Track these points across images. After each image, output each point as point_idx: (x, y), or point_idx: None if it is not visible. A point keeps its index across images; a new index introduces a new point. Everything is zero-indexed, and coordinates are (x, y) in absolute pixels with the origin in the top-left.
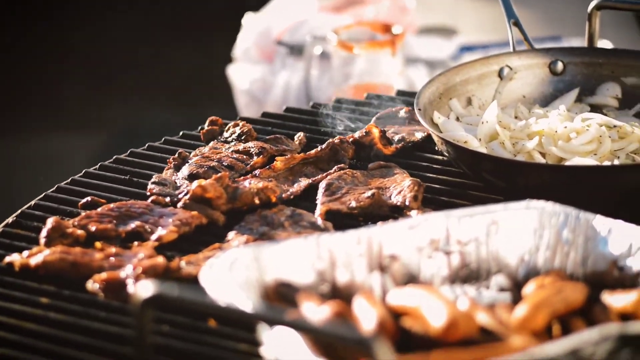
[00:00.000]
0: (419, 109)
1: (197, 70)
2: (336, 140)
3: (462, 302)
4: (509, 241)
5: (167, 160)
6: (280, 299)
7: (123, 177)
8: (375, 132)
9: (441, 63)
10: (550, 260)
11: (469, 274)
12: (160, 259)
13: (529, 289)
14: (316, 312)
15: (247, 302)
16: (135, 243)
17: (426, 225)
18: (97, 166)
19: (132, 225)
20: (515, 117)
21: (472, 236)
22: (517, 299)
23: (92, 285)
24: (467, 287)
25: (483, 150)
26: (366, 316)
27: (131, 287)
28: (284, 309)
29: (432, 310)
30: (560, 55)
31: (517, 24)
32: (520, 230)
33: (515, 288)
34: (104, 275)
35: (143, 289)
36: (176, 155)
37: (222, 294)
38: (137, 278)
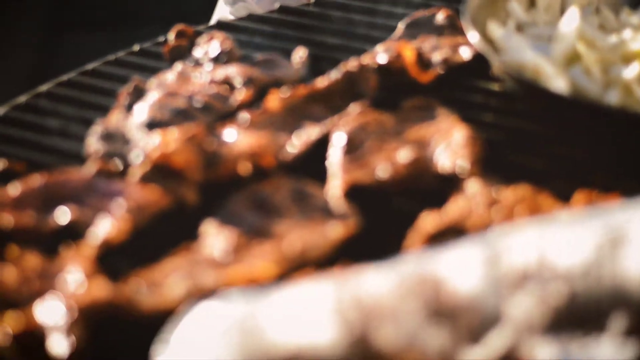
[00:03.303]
0: (468, 17)
1: None
2: (353, 66)
3: None
4: (637, 262)
5: (117, 93)
6: None
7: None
8: (409, 55)
9: None
10: None
11: (574, 315)
12: (100, 287)
13: None
14: None
15: None
16: (69, 246)
17: (508, 246)
18: (12, 105)
19: (65, 214)
20: (600, 27)
21: (580, 258)
22: None
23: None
24: (573, 336)
25: (560, 81)
26: None
27: (57, 343)
28: None
29: None
30: None
31: None
32: None
33: None
34: (14, 325)
35: None
36: (129, 86)
37: None
38: (69, 329)
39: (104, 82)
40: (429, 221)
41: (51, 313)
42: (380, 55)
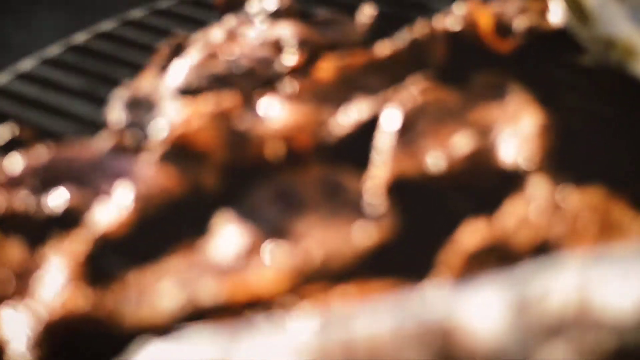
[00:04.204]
0: None
1: None
2: (422, 32)
3: None
4: None
5: (156, 47)
6: None
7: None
8: (486, 21)
9: None
10: None
11: None
12: (80, 295)
13: None
14: None
15: None
16: (60, 238)
17: (542, 285)
18: (37, 62)
19: (64, 199)
20: None
21: (625, 308)
22: None
23: None
24: None
25: None
26: None
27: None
28: None
29: None
30: None
31: None
32: None
33: None
34: None
35: None
36: (169, 43)
37: None
38: (39, 341)
39: (147, 36)
40: (471, 236)
41: (16, 323)
42: (454, 19)
